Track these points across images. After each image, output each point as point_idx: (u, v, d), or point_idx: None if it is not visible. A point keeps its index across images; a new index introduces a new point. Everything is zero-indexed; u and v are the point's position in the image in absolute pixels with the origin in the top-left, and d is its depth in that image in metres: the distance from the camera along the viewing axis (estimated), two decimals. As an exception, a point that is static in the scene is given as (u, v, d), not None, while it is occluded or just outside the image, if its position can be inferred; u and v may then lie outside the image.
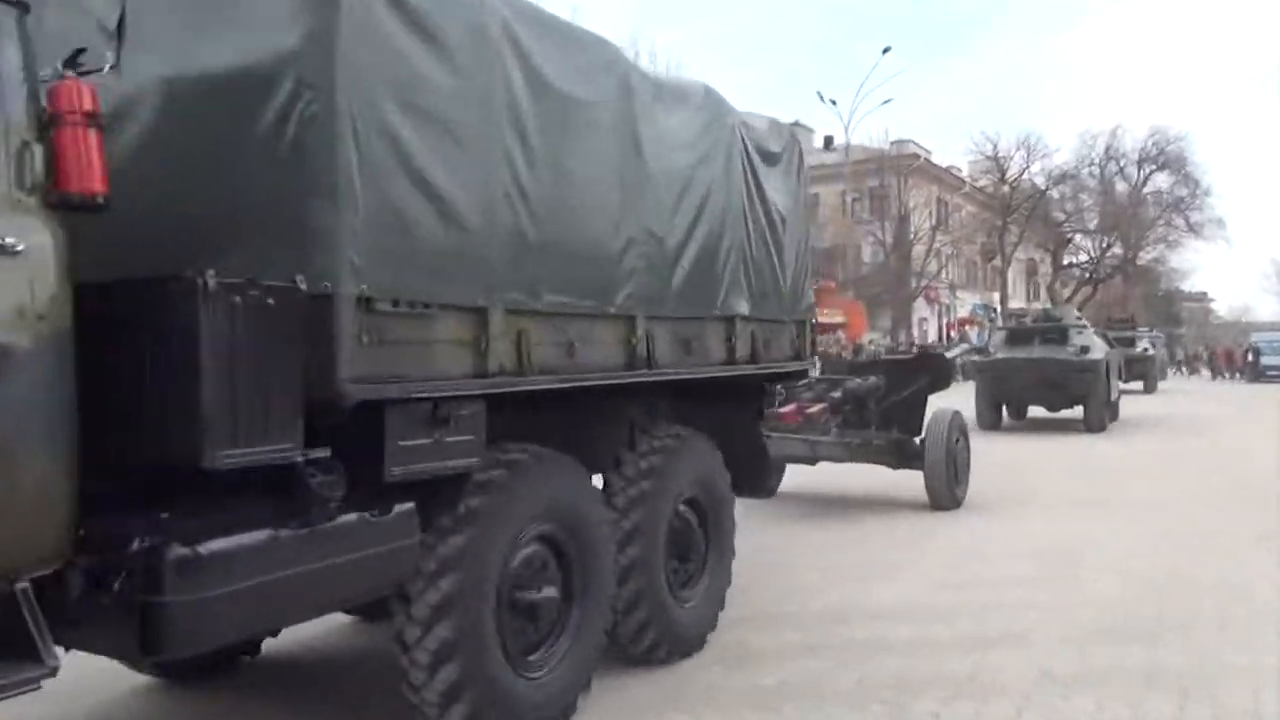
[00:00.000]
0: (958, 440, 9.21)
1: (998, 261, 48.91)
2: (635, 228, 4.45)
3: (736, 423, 5.72)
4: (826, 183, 44.61)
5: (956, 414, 9.21)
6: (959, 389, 24.27)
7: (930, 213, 43.47)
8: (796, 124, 52.51)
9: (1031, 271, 56.80)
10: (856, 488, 10.08)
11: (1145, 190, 47.68)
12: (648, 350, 4.49)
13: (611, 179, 4.33)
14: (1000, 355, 16.86)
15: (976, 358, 18.10)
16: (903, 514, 8.91)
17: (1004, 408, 17.33)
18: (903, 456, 9.21)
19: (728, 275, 5.21)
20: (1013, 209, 45.80)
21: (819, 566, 6.84)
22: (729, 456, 5.28)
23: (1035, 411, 17.81)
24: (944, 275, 46.38)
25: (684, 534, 4.91)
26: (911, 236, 41.88)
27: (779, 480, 9.49)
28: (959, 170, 50.72)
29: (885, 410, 9.42)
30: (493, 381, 3.59)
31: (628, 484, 4.57)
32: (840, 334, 33.94)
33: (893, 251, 41.46)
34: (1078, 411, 16.91)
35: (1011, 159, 45.72)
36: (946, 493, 8.96)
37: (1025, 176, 46.09)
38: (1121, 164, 47.07)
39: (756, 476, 5.87)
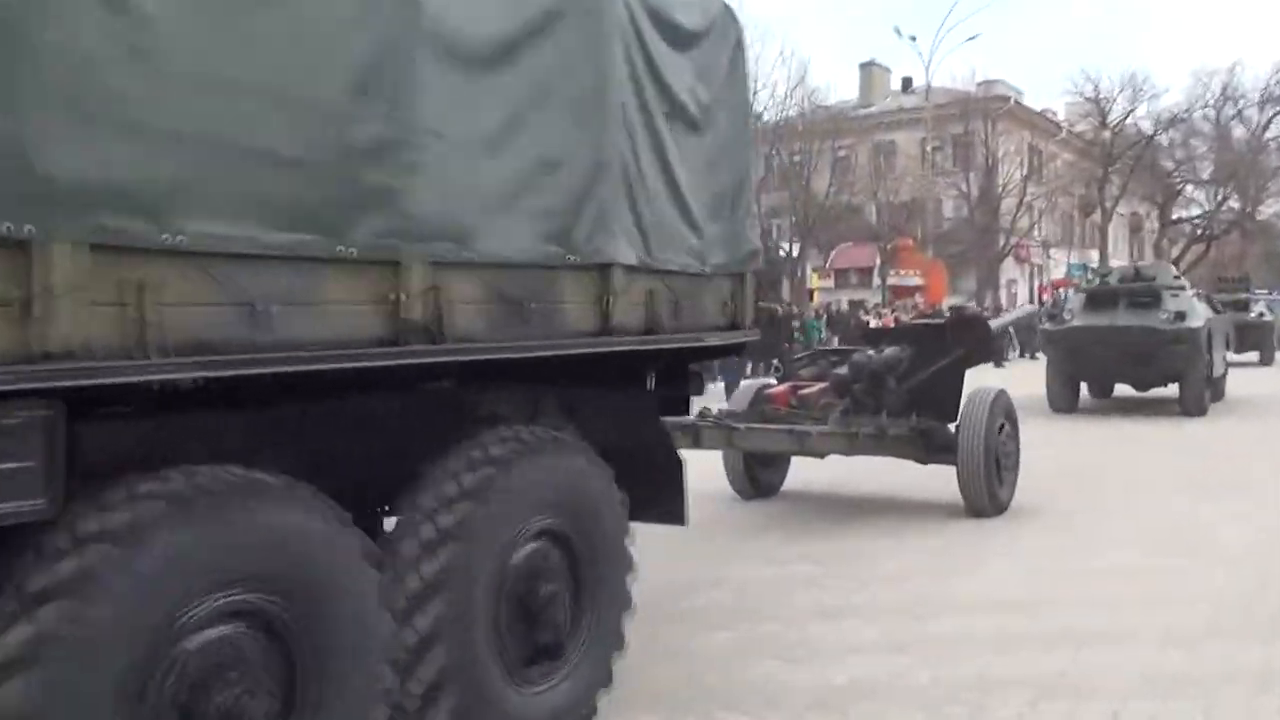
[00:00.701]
0: (1002, 427, 8.00)
1: (1097, 216, 47.90)
2: (387, 120, 3.06)
3: (634, 421, 4.53)
4: (904, 129, 44.04)
5: (1001, 394, 8.05)
6: (1028, 367, 23.85)
7: (1021, 162, 42.72)
8: (871, 64, 52.06)
9: (1136, 228, 55.60)
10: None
11: (1267, 136, 46.22)
12: (432, 314, 3.18)
13: (330, 43, 2.93)
14: (1076, 322, 15.11)
15: (1048, 325, 15.95)
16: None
17: (1082, 386, 16.01)
18: (931, 448, 7.92)
19: (593, 204, 3.81)
20: (1115, 157, 44.78)
21: (895, 553, 6.80)
22: (625, 469, 4.10)
23: (1123, 390, 16.60)
24: (1036, 232, 45.60)
25: (533, 585, 3.64)
26: (1000, 188, 41.20)
27: (782, 478, 8.97)
28: (1054, 114, 49.69)
29: (911, 390, 8.04)
30: (56, 369, 2.34)
31: (423, 519, 3.35)
32: (917, 298, 33.56)
33: (978, 205, 40.81)
34: (1173, 390, 15.33)
35: (1114, 101, 44.70)
36: (984, 494, 7.76)
37: (1130, 121, 45.05)
38: (1240, 106, 45.60)
39: (667, 494, 4.56)
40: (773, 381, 9.54)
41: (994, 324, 13.94)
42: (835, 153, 39.53)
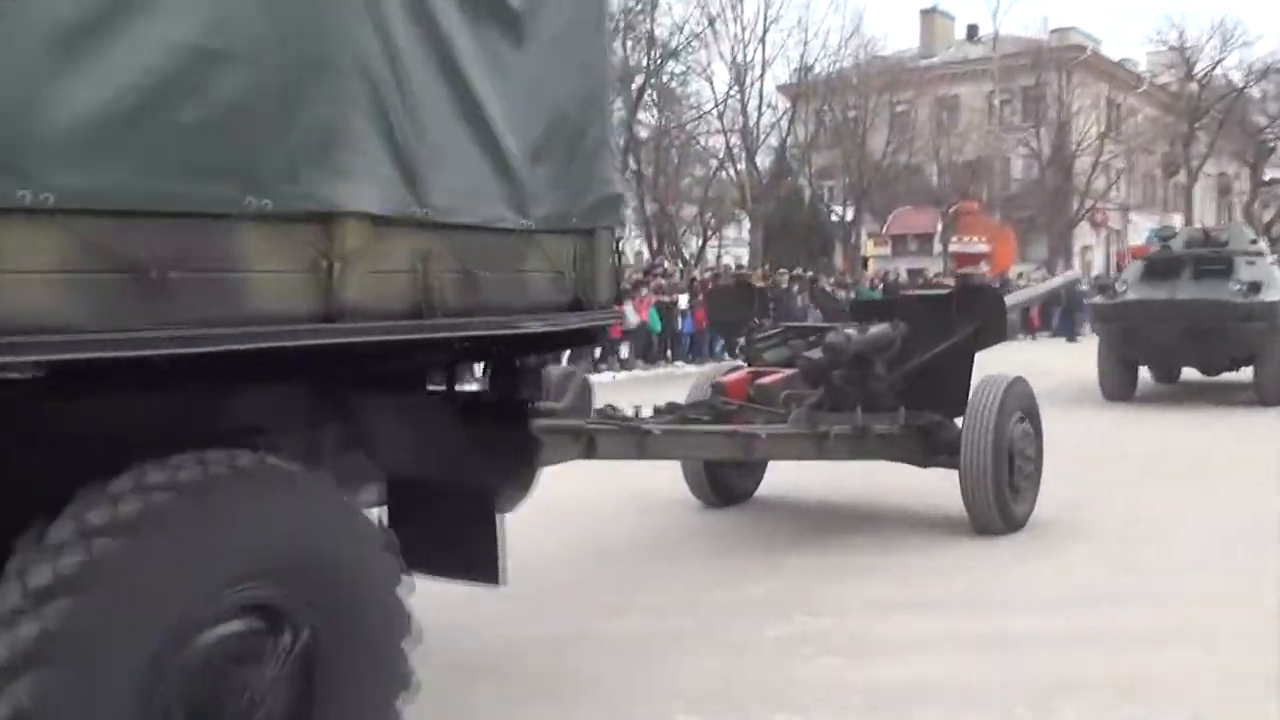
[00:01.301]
0: (1020, 420, 7.01)
1: (1182, 177, 47.16)
2: None
3: (423, 440, 3.68)
4: (969, 81, 43.55)
5: (1017, 382, 7.00)
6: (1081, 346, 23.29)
7: (1098, 117, 42.13)
8: (933, 10, 51.53)
9: (1224, 189, 54.63)
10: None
11: (1372, 87, 45.23)
12: None
13: None
14: (1131, 295, 14.00)
15: (1098, 298, 15.03)
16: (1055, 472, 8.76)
17: (1143, 370, 15.10)
18: (931, 449, 6.94)
19: (301, 122, 2.74)
20: (1202, 112, 44.02)
21: (966, 539, 6.81)
22: (406, 506, 3.50)
23: (1189, 373, 15.53)
24: (1114, 194, 44.98)
25: (228, 678, 2.73)
26: (1074, 147, 40.70)
27: (756, 482, 8.07)
28: (1135, 65, 48.88)
29: (907, 377, 6.96)
30: None
31: (38, 561, 2.49)
32: (983, 265, 33.24)
33: (1050, 165, 40.32)
34: (1247, 374, 14.13)
35: (1201, 50, 43.93)
36: (993, 505, 6.75)
37: (1218, 71, 44.23)
38: (1342, 54, 44.64)
39: (474, 541, 3.71)
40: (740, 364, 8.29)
41: (1019, 297, 13.41)
42: (893, 108, 39.19)
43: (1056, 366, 18.19)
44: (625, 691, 4.40)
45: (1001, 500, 6.80)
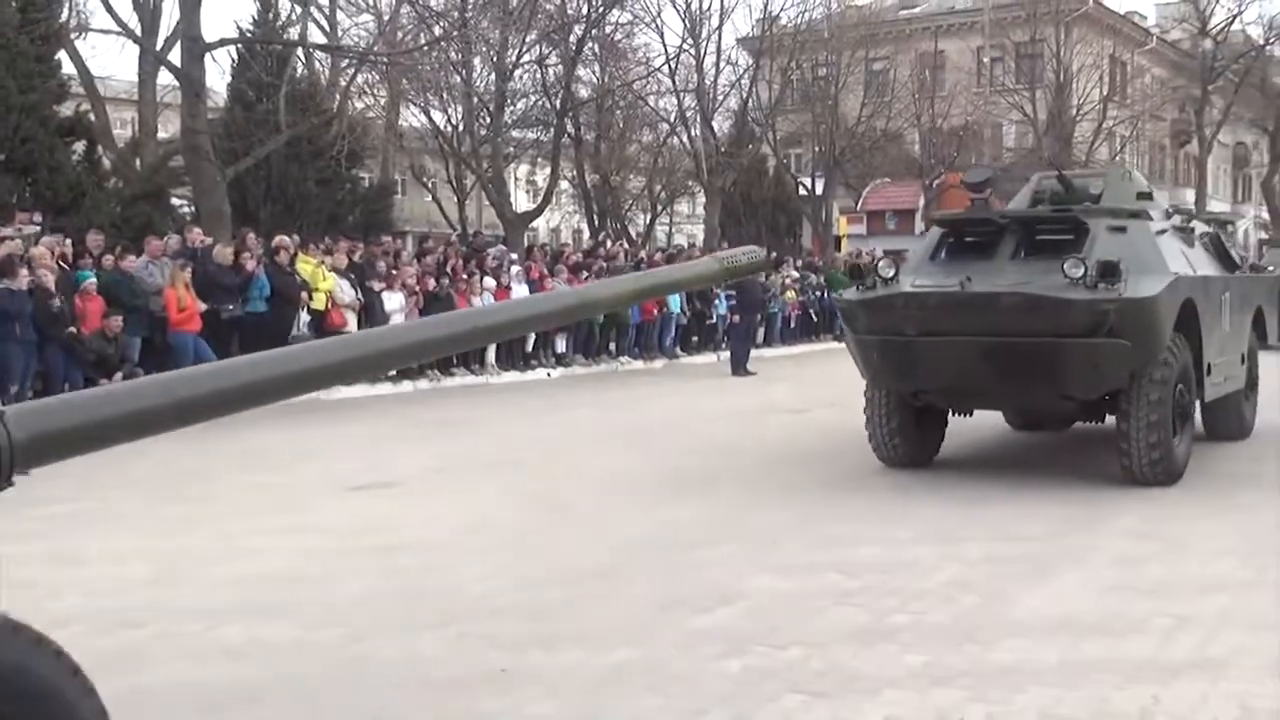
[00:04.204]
0: None
1: (1194, 147, 47.94)
2: None
3: None
4: (956, 37, 44.01)
5: None
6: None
7: (1100, 78, 42.68)
8: (916, -45, 51.66)
9: (1241, 161, 55.66)
10: None
11: (1405, 46, 46.30)
12: None
13: None
14: (898, 287, 9.49)
15: (849, 292, 10.06)
16: (1070, 481, 8.84)
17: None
18: None
19: None
20: (1217, 73, 44.76)
21: (947, 557, 6.85)
22: None
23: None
24: (1119, 164, 45.61)
25: None
26: (1074, 111, 41.19)
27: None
28: (1142, 18, 49.59)
29: None
30: None
31: None
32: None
33: (1047, 132, 40.79)
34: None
35: (1216, 2, 44.55)
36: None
37: (1236, 27, 45.00)
38: (1373, 9, 45.69)
39: None
40: None
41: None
42: (870, 66, 39.48)
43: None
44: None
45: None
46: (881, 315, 9.39)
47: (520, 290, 19.70)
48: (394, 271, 18.26)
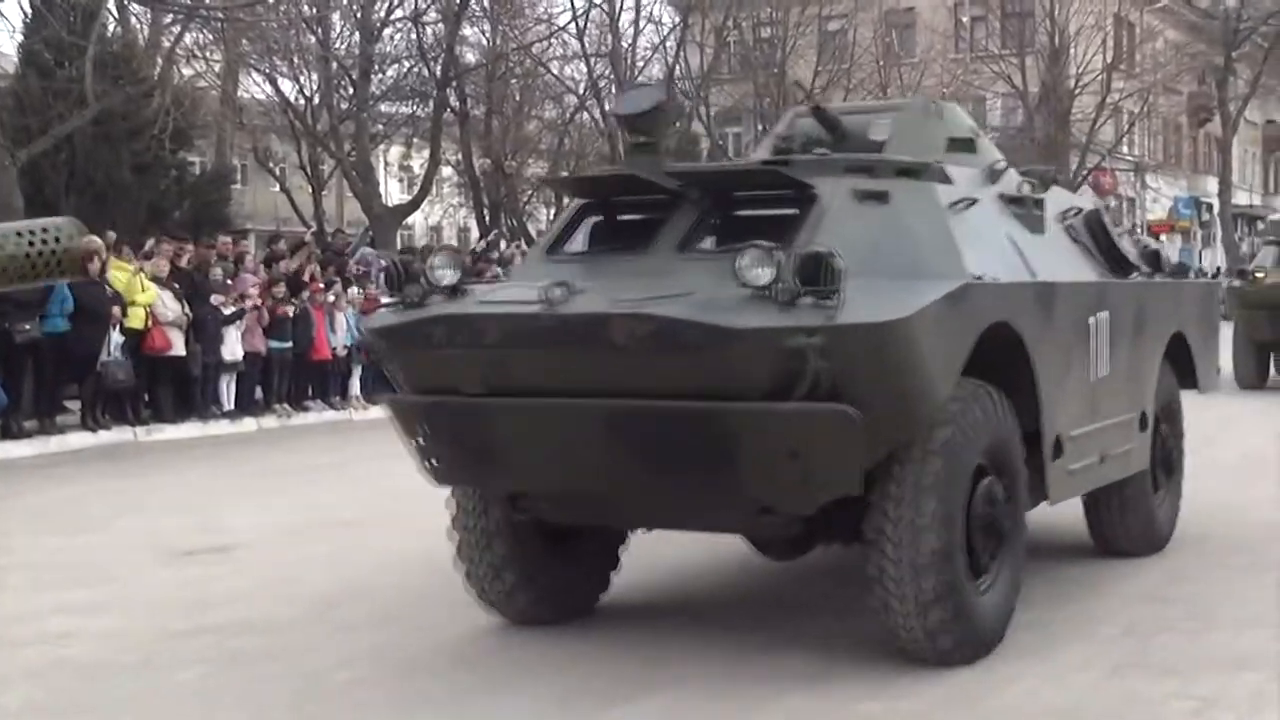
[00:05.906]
0: None
1: (1216, 126, 48.77)
2: None
3: None
4: (929, -9, 44.37)
5: None
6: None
7: (1104, 42, 43.31)
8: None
9: (1273, 143, 56.75)
10: None
11: None
12: None
13: None
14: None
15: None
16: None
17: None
18: None
19: None
20: (1243, 36, 45.63)
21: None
22: None
23: None
24: (1125, 149, 46.28)
25: None
26: (1072, 82, 41.74)
27: None
28: (1153, -30, 50.44)
29: None
30: None
31: None
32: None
33: (1039, 107, 41.33)
34: None
35: (1241, -50, 45.44)
36: None
37: (1264, -18, 45.86)
38: None
39: None
40: None
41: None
42: (824, 26, 39.75)
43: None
44: None
45: None
46: (419, 356, 6.77)
47: (392, 303, 19.51)
48: (231, 281, 18.04)
